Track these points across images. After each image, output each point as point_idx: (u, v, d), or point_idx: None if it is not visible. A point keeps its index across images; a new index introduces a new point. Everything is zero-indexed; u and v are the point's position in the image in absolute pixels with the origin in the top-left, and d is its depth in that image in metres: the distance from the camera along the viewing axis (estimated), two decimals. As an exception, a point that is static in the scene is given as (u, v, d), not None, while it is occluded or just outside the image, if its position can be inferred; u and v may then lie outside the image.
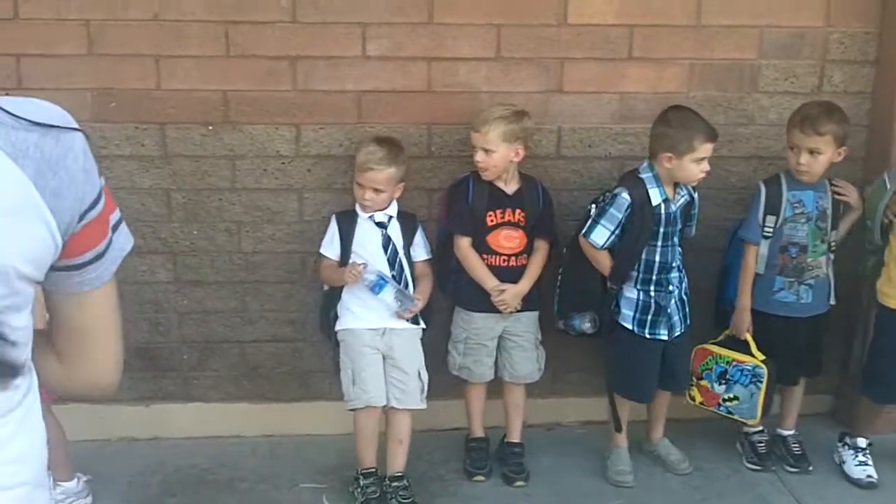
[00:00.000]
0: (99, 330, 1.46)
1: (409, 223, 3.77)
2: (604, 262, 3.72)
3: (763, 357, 3.86)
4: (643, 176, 3.63)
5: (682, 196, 3.71)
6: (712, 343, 3.96)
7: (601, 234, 3.63)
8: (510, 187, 3.77)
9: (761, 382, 3.83)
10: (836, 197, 3.82)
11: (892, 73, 4.02)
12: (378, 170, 3.59)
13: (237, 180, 3.90)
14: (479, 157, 3.65)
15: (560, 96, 3.96)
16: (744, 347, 3.90)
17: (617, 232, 3.62)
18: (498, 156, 3.64)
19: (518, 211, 3.77)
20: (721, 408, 3.95)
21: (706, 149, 3.52)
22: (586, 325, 3.74)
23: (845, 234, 3.88)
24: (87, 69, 3.70)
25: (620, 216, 3.60)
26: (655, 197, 3.61)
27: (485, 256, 3.79)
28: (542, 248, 3.85)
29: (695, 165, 3.53)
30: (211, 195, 3.92)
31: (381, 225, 3.71)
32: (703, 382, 3.96)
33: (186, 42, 3.73)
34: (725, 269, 4.06)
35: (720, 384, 3.93)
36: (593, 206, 3.73)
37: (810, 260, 3.82)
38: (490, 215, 3.75)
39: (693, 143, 3.51)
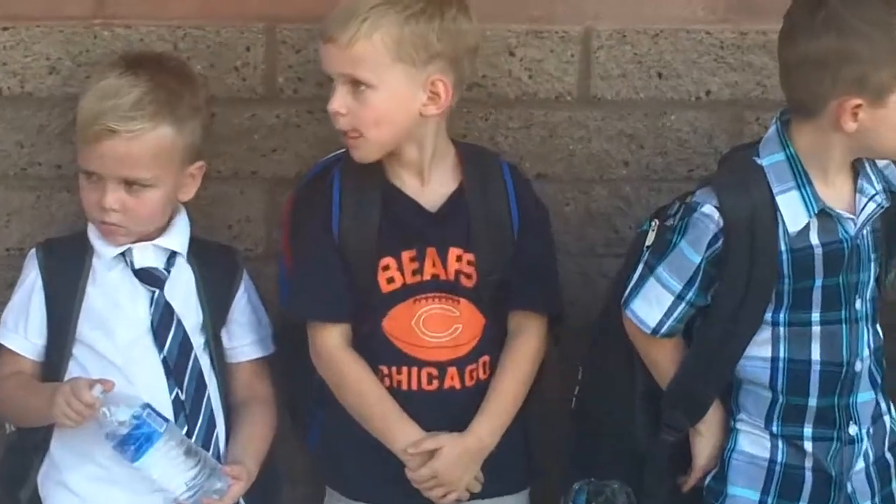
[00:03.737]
0: None
1: (219, 270, 2.33)
2: (664, 365, 2.32)
3: None
4: (764, 163, 2.22)
5: (873, 197, 2.23)
6: None
7: (657, 304, 2.25)
8: (432, 189, 2.22)
9: None
10: None
11: None
12: (129, 133, 2.22)
13: None
14: (337, 104, 2.13)
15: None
16: None
17: (692, 297, 2.21)
18: (381, 100, 2.10)
19: (455, 251, 2.19)
20: None
21: None
22: None
23: None
24: None
25: (700, 259, 2.22)
26: (794, 214, 2.18)
27: (383, 369, 2.20)
28: (530, 332, 2.25)
29: None
30: None
31: (147, 277, 2.24)
32: None
33: None
34: None
35: None
36: (653, 223, 2.31)
37: None
38: (385, 264, 2.20)
39: None
